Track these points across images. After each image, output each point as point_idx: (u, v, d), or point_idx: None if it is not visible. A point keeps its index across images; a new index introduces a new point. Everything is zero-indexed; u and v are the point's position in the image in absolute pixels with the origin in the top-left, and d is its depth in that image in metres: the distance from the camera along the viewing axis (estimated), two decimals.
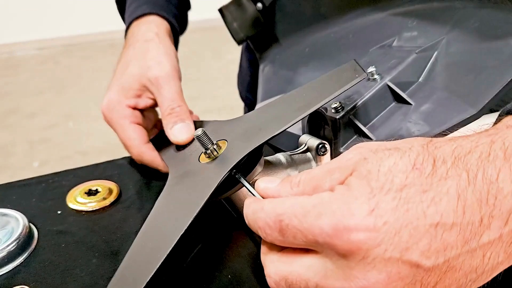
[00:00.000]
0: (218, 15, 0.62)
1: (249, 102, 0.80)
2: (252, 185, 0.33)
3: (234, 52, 0.81)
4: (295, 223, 0.25)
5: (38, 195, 0.49)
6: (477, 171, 0.24)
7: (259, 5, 0.58)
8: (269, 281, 0.28)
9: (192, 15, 0.45)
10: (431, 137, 0.27)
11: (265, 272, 0.29)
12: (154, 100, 0.50)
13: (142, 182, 0.51)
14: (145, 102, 0.51)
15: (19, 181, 0.52)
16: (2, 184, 0.49)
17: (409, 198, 0.23)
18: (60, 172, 0.53)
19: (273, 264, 0.28)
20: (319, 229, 0.24)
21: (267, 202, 0.28)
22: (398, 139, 0.37)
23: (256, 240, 0.40)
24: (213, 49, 3.13)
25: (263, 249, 0.30)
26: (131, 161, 0.54)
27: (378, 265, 0.23)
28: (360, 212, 0.23)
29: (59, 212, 0.46)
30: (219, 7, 0.61)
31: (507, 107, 0.29)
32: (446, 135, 0.36)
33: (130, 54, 0.52)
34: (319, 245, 0.25)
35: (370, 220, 0.23)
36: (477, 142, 0.25)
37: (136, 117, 0.50)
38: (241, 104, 0.85)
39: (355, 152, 0.27)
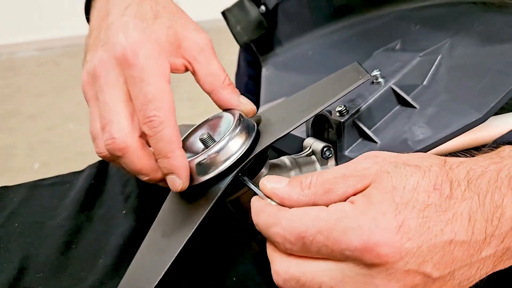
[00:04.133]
0: (219, 16, 0.62)
1: None
2: (257, 187, 0.33)
3: (234, 53, 0.81)
4: (320, 239, 0.26)
5: None
6: (486, 194, 0.27)
7: (263, 8, 0.58)
8: (277, 278, 0.28)
9: (192, 16, 0.43)
10: (439, 140, 0.28)
11: (272, 268, 0.29)
12: (189, 70, 0.38)
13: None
14: (180, 70, 0.38)
15: None
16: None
17: (430, 217, 0.26)
18: None
19: (283, 262, 0.28)
20: (346, 244, 0.25)
21: (283, 217, 0.28)
22: (403, 143, 0.38)
23: (261, 242, 0.40)
24: None
25: (271, 244, 0.30)
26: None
27: (398, 275, 0.25)
28: (389, 228, 0.25)
29: None
30: (220, 8, 0.61)
31: (505, 137, 0.33)
32: (451, 139, 0.36)
33: (154, 5, 0.38)
34: (343, 257, 0.26)
35: (398, 237, 0.25)
36: (486, 168, 0.28)
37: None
38: None
39: (371, 161, 0.28)
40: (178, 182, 0.33)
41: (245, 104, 0.38)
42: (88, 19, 0.44)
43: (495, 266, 0.28)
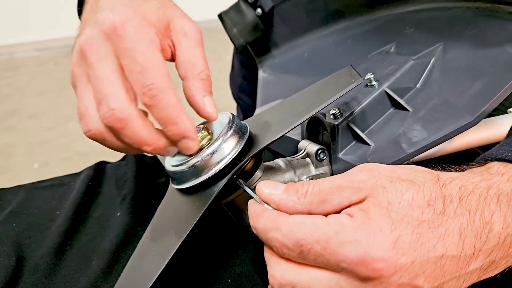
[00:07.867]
0: (217, 16, 0.62)
1: (242, 102, 0.80)
2: (253, 190, 0.33)
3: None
4: (317, 249, 0.27)
5: None
6: (476, 211, 0.28)
7: (259, 10, 0.58)
8: (273, 282, 0.29)
9: (191, 16, 0.43)
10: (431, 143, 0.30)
11: (269, 272, 0.29)
12: (172, 54, 0.37)
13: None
14: (167, 52, 0.37)
15: None
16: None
17: (424, 233, 0.27)
18: None
19: (280, 267, 0.29)
20: (343, 256, 0.26)
21: (283, 222, 0.28)
22: (396, 146, 0.38)
23: (256, 244, 0.41)
24: (212, 50, 3.13)
25: (268, 248, 0.30)
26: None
27: None
28: (385, 243, 0.26)
29: None
30: (218, 8, 0.62)
31: (493, 153, 0.33)
32: (443, 142, 0.36)
33: None
34: (338, 268, 0.27)
35: (394, 252, 0.26)
36: (477, 184, 0.29)
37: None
38: None
39: (368, 175, 0.29)
40: (192, 144, 0.34)
41: (207, 106, 0.35)
42: (80, 17, 0.43)
43: (480, 277, 0.30)
